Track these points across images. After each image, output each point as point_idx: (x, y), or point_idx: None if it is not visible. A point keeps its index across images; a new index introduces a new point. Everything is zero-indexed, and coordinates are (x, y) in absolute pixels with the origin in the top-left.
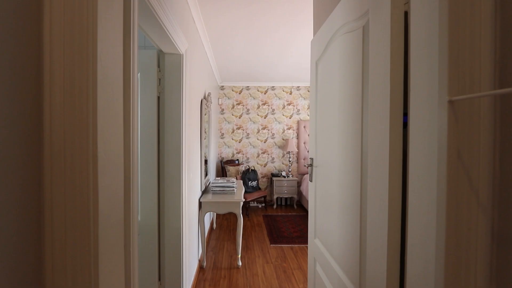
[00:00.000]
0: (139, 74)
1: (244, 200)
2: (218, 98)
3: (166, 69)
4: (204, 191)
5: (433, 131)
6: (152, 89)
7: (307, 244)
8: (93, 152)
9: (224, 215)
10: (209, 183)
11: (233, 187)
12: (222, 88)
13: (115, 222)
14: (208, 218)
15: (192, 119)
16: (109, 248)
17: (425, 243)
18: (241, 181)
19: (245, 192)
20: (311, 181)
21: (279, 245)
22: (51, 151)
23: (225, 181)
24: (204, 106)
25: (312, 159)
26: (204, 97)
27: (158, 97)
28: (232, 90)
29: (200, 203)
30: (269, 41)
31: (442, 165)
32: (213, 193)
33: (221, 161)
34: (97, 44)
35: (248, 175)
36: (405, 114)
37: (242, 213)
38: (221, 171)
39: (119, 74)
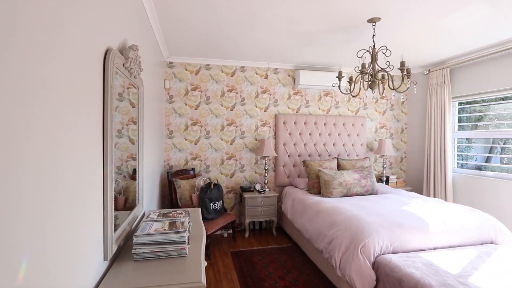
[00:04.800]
0: None
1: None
2: (165, 79)
3: None
4: (121, 252)
5: None
6: None
7: None
8: None
9: None
10: (138, 222)
11: (183, 241)
12: (170, 65)
13: None
14: None
15: (55, 74)
16: None
17: None
18: (199, 210)
19: (205, 219)
20: None
21: None
22: None
23: (166, 227)
24: (112, 68)
25: None
26: (121, 52)
27: None
28: (186, 69)
29: None
30: None
31: None
32: (136, 260)
33: (168, 172)
34: None
35: (209, 194)
36: None
37: None
38: (168, 188)
39: None
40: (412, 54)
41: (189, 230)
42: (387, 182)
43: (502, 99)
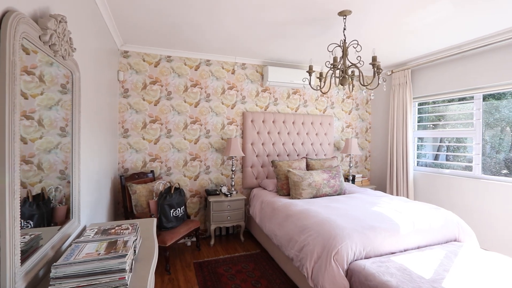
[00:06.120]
0: None
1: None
2: (119, 70)
3: None
4: None
5: None
6: None
7: None
8: None
9: None
10: (71, 241)
11: (123, 269)
12: (125, 54)
13: None
14: None
15: None
16: None
17: None
18: (153, 220)
19: (164, 229)
20: None
21: None
22: None
23: (102, 250)
24: (13, 37)
25: None
26: (36, 20)
27: None
28: (144, 60)
29: None
30: None
31: None
32: None
33: (121, 176)
34: None
35: (169, 200)
36: None
37: (158, 265)
38: (122, 195)
39: None
40: (377, 55)
41: (135, 251)
42: (353, 181)
43: (449, 101)
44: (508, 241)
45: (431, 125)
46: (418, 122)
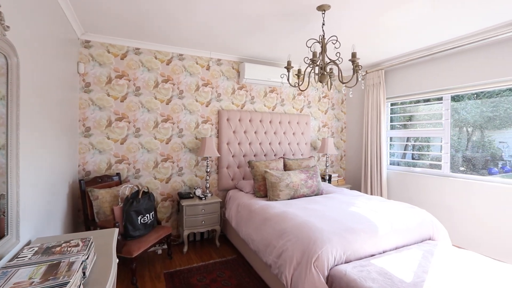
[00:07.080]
0: None
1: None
2: (79, 62)
3: None
4: None
5: None
6: None
7: None
8: None
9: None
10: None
11: None
12: (86, 44)
13: None
14: None
15: None
16: None
17: None
18: (114, 231)
19: (130, 238)
20: None
21: None
22: None
23: (37, 277)
24: None
25: None
26: None
27: None
28: (108, 52)
29: None
30: None
31: None
32: None
33: (81, 180)
34: None
35: (136, 205)
36: None
37: (119, 277)
38: (82, 201)
39: None
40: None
41: (84, 273)
42: (329, 180)
43: (416, 102)
44: (474, 237)
45: (399, 125)
46: (390, 122)
